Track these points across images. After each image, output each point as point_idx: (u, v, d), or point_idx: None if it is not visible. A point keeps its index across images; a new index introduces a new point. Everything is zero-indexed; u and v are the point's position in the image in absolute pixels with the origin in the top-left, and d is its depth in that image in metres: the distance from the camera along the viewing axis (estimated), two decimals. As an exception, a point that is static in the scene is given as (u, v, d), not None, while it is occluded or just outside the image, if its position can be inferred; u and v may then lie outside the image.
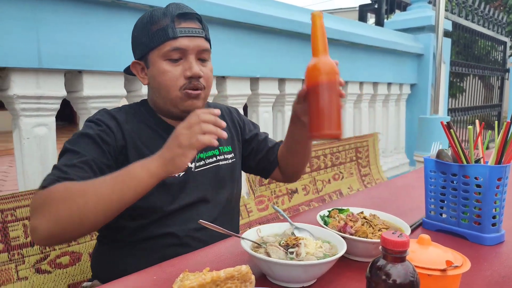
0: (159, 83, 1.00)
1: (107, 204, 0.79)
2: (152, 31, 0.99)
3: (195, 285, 0.55)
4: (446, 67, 4.35)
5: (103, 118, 0.99)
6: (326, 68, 0.87)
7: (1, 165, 6.63)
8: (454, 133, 0.97)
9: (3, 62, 1.32)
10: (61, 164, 0.88)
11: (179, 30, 0.97)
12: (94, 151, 0.92)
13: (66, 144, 0.95)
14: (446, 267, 0.62)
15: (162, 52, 0.98)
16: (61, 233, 0.79)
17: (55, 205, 0.78)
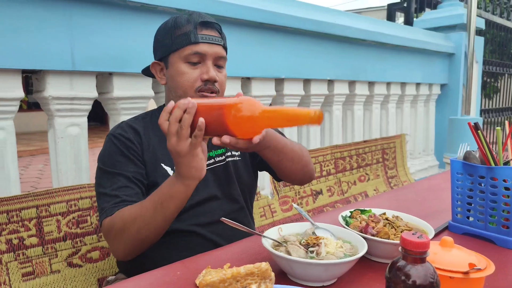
0: (177, 83, 1.07)
1: (155, 224, 0.91)
2: (175, 35, 1.06)
3: (216, 280, 0.56)
4: (478, 67, 4.21)
5: (123, 133, 1.08)
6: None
7: (37, 163, 6.92)
8: (481, 134, 0.95)
9: (40, 65, 1.39)
10: (110, 190, 1.00)
11: (201, 36, 1.05)
12: (128, 166, 1.03)
13: (101, 164, 1.05)
14: (468, 270, 0.61)
15: (183, 55, 1.05)
16: (132, 252, 0.96)
17: (118, 236, 0.94)
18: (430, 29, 3.98)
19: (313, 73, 2.55)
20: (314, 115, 0.68)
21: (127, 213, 0.93)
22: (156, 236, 0.93)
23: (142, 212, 0.91)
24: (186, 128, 0.80)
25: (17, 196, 1.17)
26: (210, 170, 1.12)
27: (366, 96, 3.07)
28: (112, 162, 1.04)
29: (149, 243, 0.95)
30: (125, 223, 0.92)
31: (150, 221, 0.90)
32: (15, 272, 1.14)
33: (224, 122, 0.76)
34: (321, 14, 2.54)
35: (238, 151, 1.19)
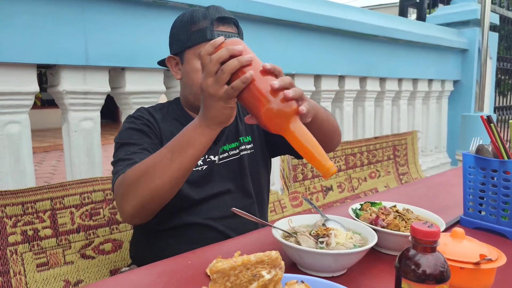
0: (192, 80, 1.07)
1: (170, 173, 0.82)
2: (191, 30, 1.04)
3: (226, 267, 0.57)
4: (492, 63, 4.15)
5: (143, 114, 1.09)
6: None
7: (51, 159, 7.03)
8: (494, 127, 0.94)
9: (54, 59, 1.41)
10: (124, 155, 0.97)
11: (217, 33, 1.03)
12: (146, 140, 1.03)
13: (118, 140, 1.05)
14: (479, 260, 0.61)
15: (199, 51, 1.03)
16: (140, 210, 0.88)
17: (128, 188, 0.87)
18: (443, 24, 3.93)
19: (324, 69, 2.54)
20: (327, 168, 0.65)
21: (140, 164, 0.87)
22: (168, 190, 0.85)
23: (158, 159, 0.84)
24: (228, 74, 0.70)
25: (32, 188, 1.19)
26: (224, 164, 1.12)
27: (377, 92, 3.05)
28: (129, 135, 1.04)
29: (159, 199, 0.87)
30: (138, 173, 0.86)
31: (165, 169, 0.82)
32: (29, 263, 1.16)
33: (257, 108, 0.69)
34: (333, 10, 2.53)
35: (251, 144, 1.18)
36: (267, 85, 0.68)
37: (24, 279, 1.15)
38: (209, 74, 0.72)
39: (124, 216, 0.91)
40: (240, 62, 0.69)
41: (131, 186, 0.86)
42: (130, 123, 1.07)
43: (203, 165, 1.09)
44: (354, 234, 0.79)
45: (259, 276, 0.56)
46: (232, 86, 0.70)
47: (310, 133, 0.69)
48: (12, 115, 1.37)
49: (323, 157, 0.66)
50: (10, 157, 1.37)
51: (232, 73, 0.70)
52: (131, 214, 0.88)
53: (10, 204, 1.14)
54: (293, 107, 0.68)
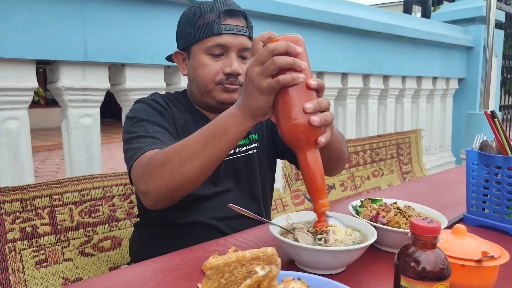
0: (198, 75, 1.03)
1: (201, 159, 0.79)
2: (198, 24, 1.01)
3: (220, 263, 0.56)
4: (498, 61, 4.10)
5: (158, 99, 1.06)
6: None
7: (54, 158, 7.06)
8: (498, 123, 0.92)
9: (53, 55, 1.40)
10: (146, 132, 0.92)
11: (224, 27, 0.99)
12: (165, 122, 1.00)
13: (134, 115, 0.98)
14: (481, 258, 0.59)
15: (205, 46, 1.01)
16: (168, 194, 0.83)
17: (157, 170, 0.82)
18: (448, 22, 3.89)
19: (327, 66, 2.52)
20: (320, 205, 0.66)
21: (171, 147, 0.83)
22: (198, 176, 0.81)
23: (190, 143, 0.80)
24: (276, 68, 0.67)
25: (31, 185, 1.19)
26: (231, 161, 1.08)
27: (381, 90, 3.03)
28: (148, 113, 0.99)
29: (188, 185, 0.82)
30: (167, 155, 0.81)
31: (196, 154, 0.79)
32: (28, 260, 1.16)
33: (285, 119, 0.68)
34: (336, 7, 2.50)
35: (257, 143, 1.15)
36: (303, 100, 0.67)
37: (23, 276, 1.14)
38: (257, 62, 0.69)
39: (148, 201, 0.86)
40: (294, 63, 0.66)
41: (160, 166, 0.81)
42: (148, 102, 1.03)
43: None
44: (353, 231, 0.78)
45: (253, 272, 0.54)
46: (279, 79, 0.66)
47: (321, 162, 0.68)
48: (10, 111, 1.37)
49: (322, 193, 0.67)
50: (9, 154, 1.37)
51: (281, 69, 0.67)
52: (157, 199, 0.85)
53: (9, 200, 1.14)
54: (317, 135, 0.67)
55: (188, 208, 1.03)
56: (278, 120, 0.70)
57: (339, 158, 1.03)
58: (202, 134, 0.80)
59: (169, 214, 1.04)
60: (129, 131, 0.96)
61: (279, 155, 1.22)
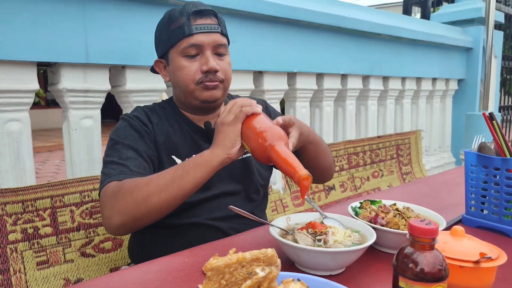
0: (178, 78, 1.06)
1: (169, 193, 0.85)
2: (170, 29, 1.04)
3: (221, 264, 0.56)
4: (497, 62, 4.11)
5: (140, 116, 1.08)
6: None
7: (55, 158, 7.06)
8: (497, 124, 0.92)
9: (54, 57, 1.41)
10: (118, 158, 0.97)
11: (195, 27, 1.02)
12: (141, 143, 1.02)
13: (114, 136, 1.03)
14: (479, 259, 0.60)
15: (180, 49, 1.04)
16: (131, 222, 0.88)
17: (124, 197, 0.86)
18: (447, 23, 3.90)
19: (327, 67, 2.53)
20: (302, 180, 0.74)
21: (141, 178, 0.89)
22: (161, 208, 0.86)
23: (159, 176, 0.87)
24: (237, 107, 0.88)
25: (32, 186, 1.19)
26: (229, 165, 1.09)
27: (381, 91, 3.03)
28: (125, 134, 1.03)
29: (151, 215, 0.87)
30: (137, 185, 0.86)
31: (164, 187, 0.85)
32: (30, 261, 1.16)
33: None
34: (335, 8, 2.51)
35: None
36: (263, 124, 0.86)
37: (24, 277, 1.15)
38: (225, 111, 0.89)
39: (110, 225, 0.89)
40: (249, 104, 0.88)
41: (127, 194, 0.86)
42: (126, 122, 1.06)
43: None
44: (353, 232, 0.78)
45: (253, 273, 0.55)
46: (242, 109, 0.87)
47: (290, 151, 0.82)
48: (12, 113, 1.37)
49: (298, 167, 0.76)
50: (10, 155, 1.37)
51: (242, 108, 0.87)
52: (119, 224, 0.87)
53: (10, 202, 1.15)
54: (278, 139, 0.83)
55: (185, 211, 1.04)
56: (248, 143, 0.86)
57: (325, 162, 1.14)
58: (173, 169, 0.88)
59: (167, 216, 1.04)
60: (107, 154, 1.01)
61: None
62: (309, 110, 2.54)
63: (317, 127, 2.66)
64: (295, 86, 2.38)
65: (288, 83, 2.35)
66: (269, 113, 1.26)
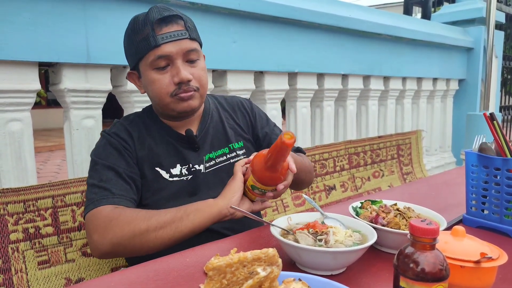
0: (151, 92, 1.03)
1: (166, 232, 0.88)
2: (136, 41, 0.99)
3: (222, 264, 0.57)
4: (498, 62, 4.11)
5: (119, 132, 1.05)
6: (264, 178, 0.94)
7: (56, 158, 7.07)
8: (497, 124, 0.92)
9: (56, 57, 1.41)
10: (99, 181, 0.96)
11: (160, 37, 0.96)
12: (121, 162, 1.00)
13: (94, 156, 1.02)
14: (480, 259, 0.60)
15: (149, 61, 0.98)
16: (120, 251, 0.90)
17: (119, 226, 0.87)
18: (448, 23, 3.90)
19: (327, 68, 2.53)
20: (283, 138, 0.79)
21: (141, 211, 0.91)
22: (155, 245, 0.88)
23: (160, 214, 0.89)
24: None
25: (34, 186, 1.19)
26: (212, 172, 1.10)
27: (381, 91, 3.03)
28: (105, 154, 1.01)
29: (143, 249, 0.90)
30: (135, 217, 0.88)
31: (163, 225, 0.88)
32: (31, 260, 1.16)
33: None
34: (336, 8, 2.51)
35: (243, 150, 1.18)
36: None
37: (26, 277, 1.15)
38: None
39: (98, 249, 0.89)
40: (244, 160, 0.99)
41: (125, 225, 0.87)
42: (105, 140, 1.04)
43: (188, 174, 1.07)
44: (353, 232, 0.79)
45: (254, 273, 0.55)
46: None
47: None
48: (13, 113, 1.38)
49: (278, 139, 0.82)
50: (12, 155, 1.38)
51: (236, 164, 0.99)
52: (108, 251, 0.89)
53: (12, 202, 1.15)
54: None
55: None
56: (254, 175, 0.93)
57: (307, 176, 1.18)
58: (175, 209, 0.91)
59: None
60: (89, 175, 1.02)
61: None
62: (309, 110, 2.54)
63: (317, 127, 2.66)
64: (296, 86, 2.39)
65: (289, 83, 2.36)
66: (254, 113, 1.25)
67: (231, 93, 2.01)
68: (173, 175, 1.06)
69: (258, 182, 0.91)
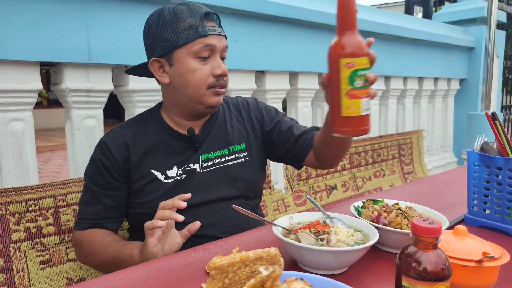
0: (187, 80, 1.01)
1: (108, 266, 1.02)
2: (179, 28, 0.99)
3: (224, 263, 0.57)
4: (499, 61, 4.11)
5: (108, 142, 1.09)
6: (351, 48, 0.76)
7: (57, 158, 7.08)
8: (499, 124, 0.92)
9: (57, 57, 1.41)
10: (82, 201, 1.11)
11: (208, 29, 1.00)
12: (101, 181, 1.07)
13: (85, 174, 1.13)
14: (482, 258, 0.60)
15: (192, 50, 0.99)
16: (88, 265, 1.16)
17: (80, 255, 1.12)
18: (449, 22, 3.89)
19: (328, 67, 2.52)
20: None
21: (95, 244, 1.04)
22: (105, 271, 1.07)
23: (108, 251, 1.01)
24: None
25: (35, 185, 1.19)
26: (209, 173, 1.08)
27: (382, 91, 3.03)
28: (90, 171, 1.10)
29: (100, 269, 1.16)
30: (89, 251, 1.05)
31: (106, 261, 1.02)
32: (33, 260, 1.17)
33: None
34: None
35: (245, 152, 1.16)
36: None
37: (27, 276, 1.15)
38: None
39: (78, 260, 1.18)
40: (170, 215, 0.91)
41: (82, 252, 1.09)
42: (95, 154, 1.10)
43: (182, 174, 1.06)
44: (355, 231, 0.79)
45: (256, 272, 0.55)
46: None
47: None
48: (15, 113, 1.38)
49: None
50: (13, 155, 1.38)
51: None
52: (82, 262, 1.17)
53: (14, 201, 1.15)
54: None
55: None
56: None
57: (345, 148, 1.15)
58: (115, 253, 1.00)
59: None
60: (83, 189, 1.13)
61: (275, 158, 1.24)
62: (311, 110, 2.54)
63: (319, 125, 2.65)
64: (297, 85, 2.38)
65: (290, 83, 2.36)
66: (260, 110, 1.23)
67: (232, 92, 2.01)
68: (168, 176, 1.06)
69: (350, 56, 0.76)
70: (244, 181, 1.13)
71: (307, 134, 1.19)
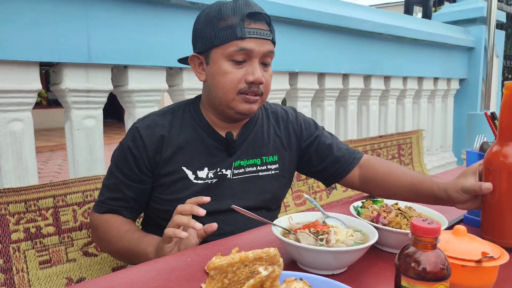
0: (218, 83, 0.97)
1: (119, 255, 1.04)
2: (218, 27, 0.94)
3: (224, 263, 0.57)
4: (499, 61, 4.11)
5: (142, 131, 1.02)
6: None
7: (57, 158, 7.08)
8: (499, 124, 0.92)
9: (57, 57, 1.42)
10: (104, 185, 1.08)
11: (248, 31, 0.92)
12: (127, 170, 1.03)
13: (112, 159, 1.08)
14: (481, 258, 0.60)
15: (227, 51, 0.94)
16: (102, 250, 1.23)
17: (97, 238, 1.10)
18: (449, 22, 3.90)
19: (328, 67, 2.53)
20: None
21: (111, 233, 1.02)
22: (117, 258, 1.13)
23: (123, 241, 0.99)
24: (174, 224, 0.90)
25: (35, 186, 1.19)
26: (238, 180, 1.05)
27: (382, 90, 3.03)
28: (118, 156, 1.04)
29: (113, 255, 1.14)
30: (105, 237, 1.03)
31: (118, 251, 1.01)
32: (32, 260, 1.17)
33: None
34: (337, 8, 2.51)
35: (276, 165, 1.12)
36: None
37: (27, 276, 1.15)
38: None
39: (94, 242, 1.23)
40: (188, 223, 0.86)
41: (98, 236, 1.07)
42: (126, 140, 1.03)
43: (213, 178, 1.02)
44: (355, 231, 0.79)
45: (256, 272, 0.55)
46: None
47: None
48: (14, 113, 1.38)
49: None
50: (13, 155, 1.38)
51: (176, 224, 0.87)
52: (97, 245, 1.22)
53: (13, 201, 1.15)
54: None
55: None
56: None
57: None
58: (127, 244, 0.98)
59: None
60: (107, 171, 1.09)
61: (308, 173, 1.22)
62: (310, 110, 2.54)
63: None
64: (296, 85, 2.39)
65: (289, 83, 2.36)
66: (299, 123, 1.17)
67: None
68: (198, 177, 1.02)
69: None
70: (271, 194, 1.10)
71: (348, 156, 1.15)
